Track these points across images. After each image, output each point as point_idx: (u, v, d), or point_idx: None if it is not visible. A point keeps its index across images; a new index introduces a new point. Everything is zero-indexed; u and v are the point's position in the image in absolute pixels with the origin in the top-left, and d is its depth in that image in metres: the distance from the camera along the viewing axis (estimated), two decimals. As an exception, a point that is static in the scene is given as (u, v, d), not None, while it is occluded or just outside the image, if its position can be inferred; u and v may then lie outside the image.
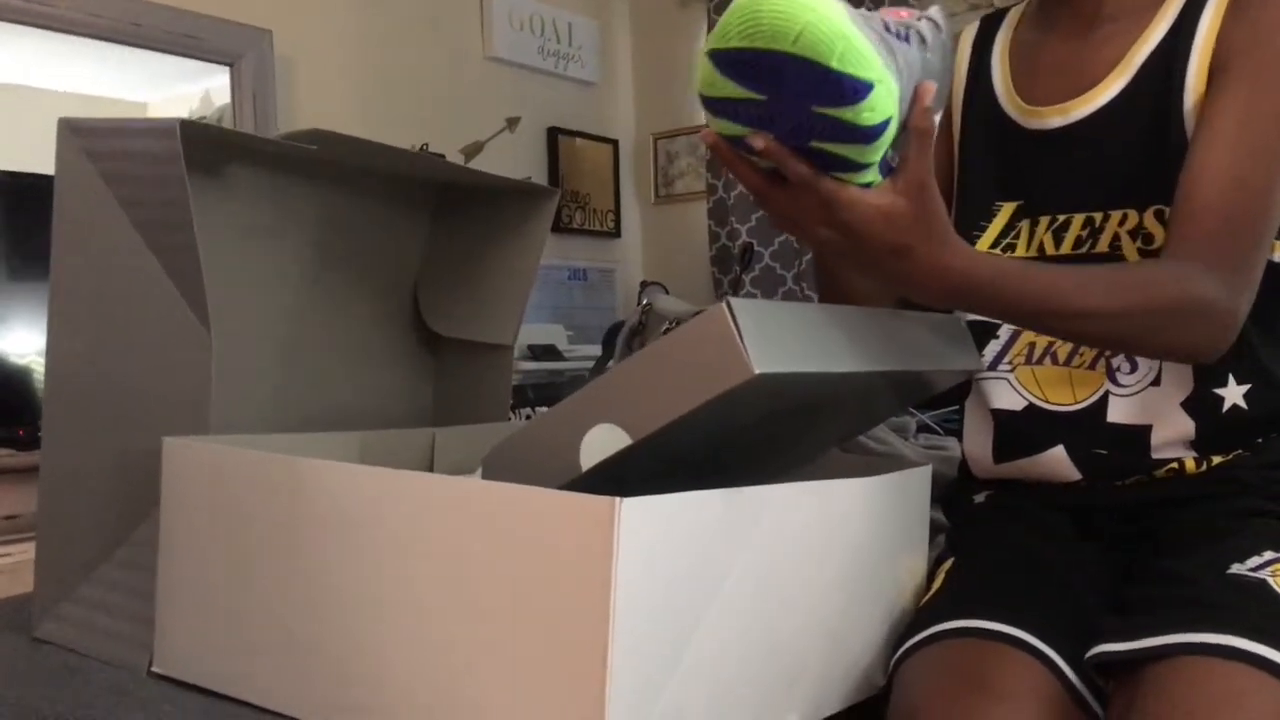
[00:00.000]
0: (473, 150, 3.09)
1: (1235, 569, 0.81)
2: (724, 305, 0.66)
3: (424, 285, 1.34)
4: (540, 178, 3.51)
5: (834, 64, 0.66)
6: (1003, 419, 1.02)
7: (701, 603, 0.71)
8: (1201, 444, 0.94)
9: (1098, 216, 0.97)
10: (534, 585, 0.67)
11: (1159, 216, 0.93)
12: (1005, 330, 1.02)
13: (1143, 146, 0.95)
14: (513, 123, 3.33)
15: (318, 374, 1.22)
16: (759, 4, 0.66)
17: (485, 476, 0.79)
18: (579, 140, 3.70)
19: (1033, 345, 1.00)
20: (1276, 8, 0.90)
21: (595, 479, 0.74)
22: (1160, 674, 0.75)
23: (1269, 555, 0.82)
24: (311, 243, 1.21)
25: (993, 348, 1.03)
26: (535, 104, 3.53)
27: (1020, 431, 1.01)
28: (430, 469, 1.13)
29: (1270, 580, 0.79)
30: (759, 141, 0.72)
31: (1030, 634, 0.82)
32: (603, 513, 0.64)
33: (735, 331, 0.66)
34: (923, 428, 1.63)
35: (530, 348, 3.16)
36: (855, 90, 0.67)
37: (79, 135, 0.97)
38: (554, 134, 3.60)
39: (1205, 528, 0.89)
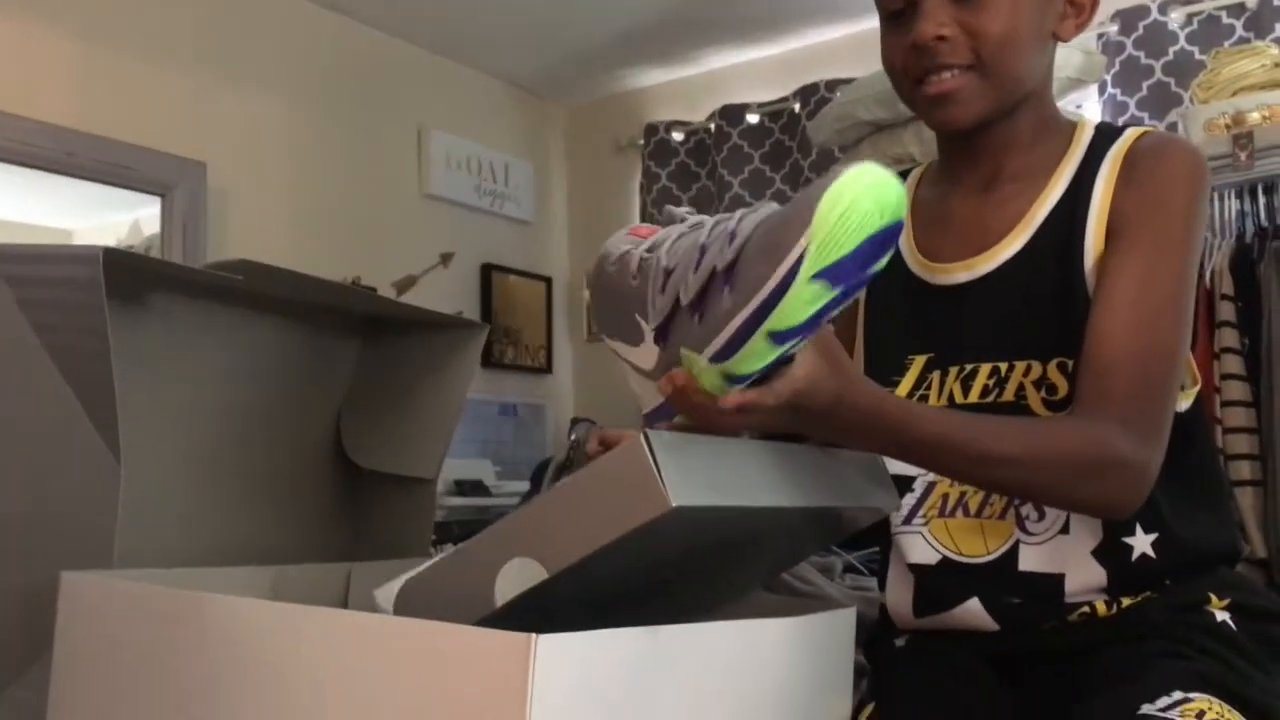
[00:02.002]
0: (405, 284, 3.11)
1: (1145, 709, 0.82)
2: (641, 438, 0.67)
3: (347, 416, 1.32)
4: (473, 313, 3.53)
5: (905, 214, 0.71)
6: (919, 573, 1.03)
7: None
8: (1112, 589, 0.96)
9: (1003, 366, 1.00)
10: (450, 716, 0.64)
11: (1062, 369, 0.97)
12: (920, 484, 1.04)
13: (1045, 301, 0.99)
14: (446, 258, 3.37)
15: (232, 505, 1.18)
16: (855, 194, 0.68)
17: (398, 612, 0.77)
18: (512, 277, 3.75)
19: (946, 497, 1.02)
20: (1165, 177, 0.96)
21: (513, 614, 0.72)
22: None
23: (1178, 695, 0.83)
24: (234, 372, 1.20)
25: (908, 501, 1.04)
26: (470, 241, 3.58)
27: (936, 586, 1.02)
28: (345, 605, 1.10)
29: None
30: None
31: None
32: (517, 649, 0.62)
33: (653, 464, 0.66)
34: (848, 568, 1.63)
35: (457, 483, 3.12)
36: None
37: (-2, 260, 0.96)
38: (488, 270, 3.64)
39: (1118, 670, 0.90)
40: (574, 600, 0.76)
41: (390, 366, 1.31)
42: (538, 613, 0.72)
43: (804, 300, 0.70)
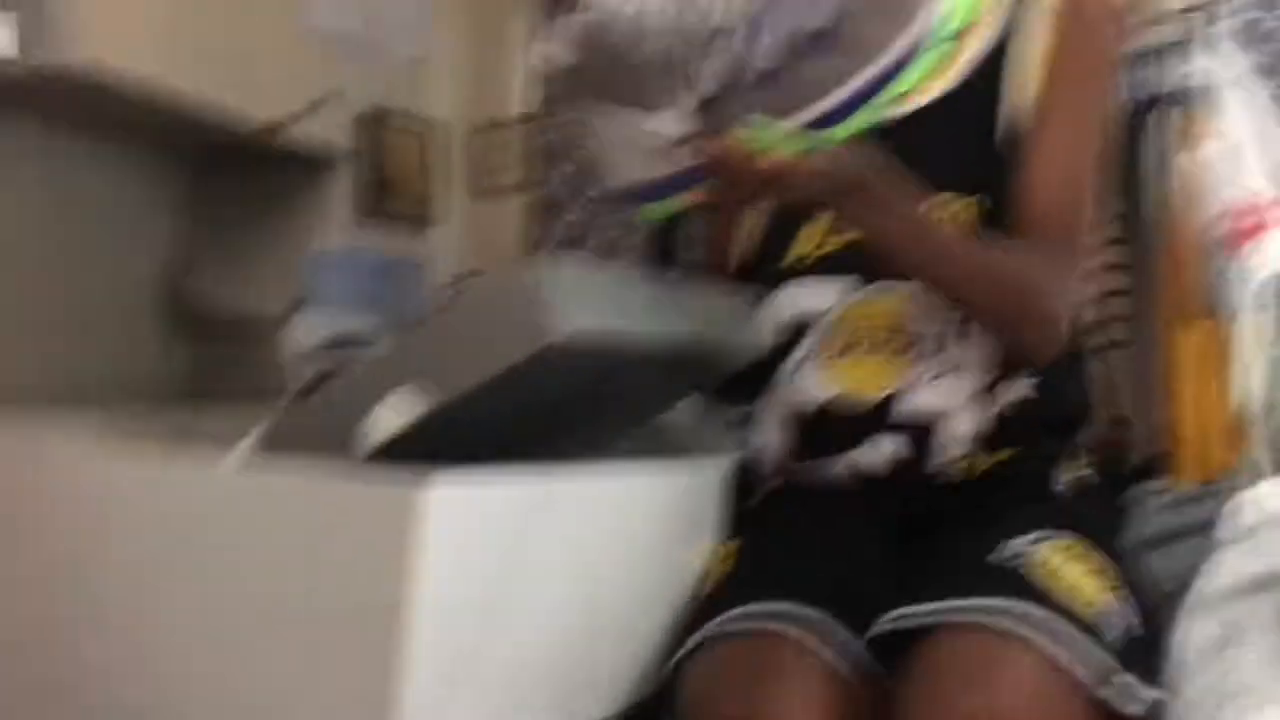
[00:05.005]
0: (279, 125, 2.94)
1: (1012, 543, 0.86)
2: (534, 265, 0.63)
3: (188, 251, 1.23)
4: (351, 158, 3.38)
5: None
6: (802, 418, 1.03)
7: (503, 589, 0.68)
8: (987, 439, 0.98)
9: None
10: (324, 571, 0.62)
11: (979, 206, 0.97)
12: (824, 322, 1.02)
13: (972, 137, 0.99)
14: (325, 98, 3.20)
15: (49, 341, 1.09)
16: None
17: (261, 451, 0.72)
18: (396, 122, 3.59)
19: (846, 334, 1.02)
20: (1092, 19, 0.98)
21: (389, 459, 0.69)
22: (931, 644, 0.78)
23: (1042, 532, 0.88)
24: (50, 194, 1.09)
25: (810, 342, 1.03)
26: (351, 80, 3.39)
27: (817, 432, 1.02)
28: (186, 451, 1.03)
29: (1041, 555, 0.84)
30: None
31: (817, 614, 0.84)
32: (404, 492, 0.60)
33: (544, 293, 0.62)
34: (732, 423, 1.63)
35: (333, 337, 3.03)
36: None
37: None
38: (370, 113, 3.47)
39: (984, 512, 0.93)
40: (448, 447, 0.73)
41: (240, 198, 1.22)
42: (414, 458, 0.69)
43: (935, 59, 0.71)
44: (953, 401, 0.98)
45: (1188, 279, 2.24)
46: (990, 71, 0.99)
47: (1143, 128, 2.34)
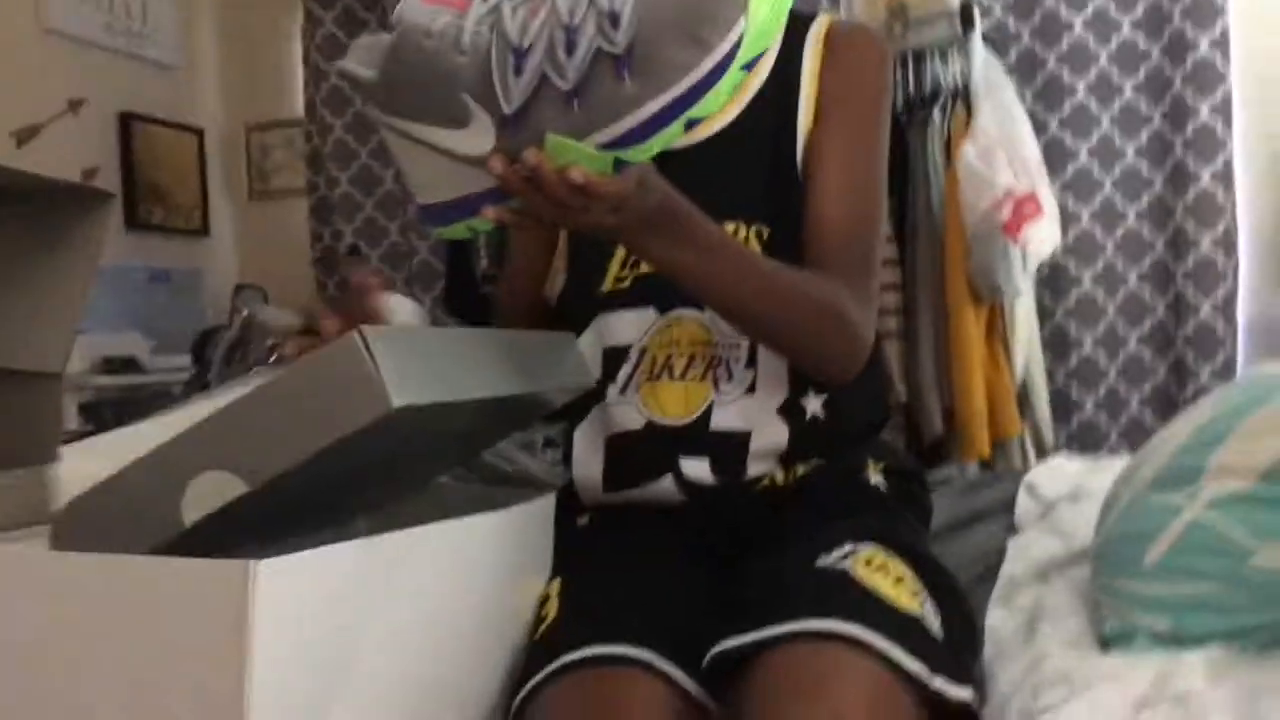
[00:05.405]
0: (26, 134, 2.71)
1: (822, 561, 0.88)
2: (356, 336, 0.59)
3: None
4: (112, 168, 3.14)
5: None
6: (619, 443, 1.03)
7: (342, 656, 0.65)
8: (790, 454, 1.01)
9: None
10: (156, 655, 0.58)
11: (759, 235, 1.00)
12: (634, 352, 1.03)
13: (755, 168, 1.02)
14: (75, 105, 2.97)
15: None
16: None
17: (58, 539, 0.65)
18: (158, 128, 3.36)
19: (654, 360, 1.02)
20: (861, 63, 1.03)
21: (199, 536, 0.64)
22: (764, 663, 0.79)
23: (848, 547, 0.90)
24: None
25: (624, 371, 1.03)
26: (104, 86, 3.15)
27: (634, 456, 1.03)
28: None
29: (850, 569, 0.87)
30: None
31: (649, 653, 0.83)
32: (235, 569, 0.56)
33: (372, 363, 0.59)
34: (548, 442, 1.63)
35: (106, 360, 2.82)
36: None
37: None
38: (127, 120, 3.24)
39: (795, 530, 0.96)
40: (260, 505, 0.69)
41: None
42: (221, 527, 0.64)
43: (730, 87, 0.72)
44: (757, 418, 1.00)
45: (971, 263, 2.39)
46: (775, 99, 1.02)
47: (925, 122, 2.48)
